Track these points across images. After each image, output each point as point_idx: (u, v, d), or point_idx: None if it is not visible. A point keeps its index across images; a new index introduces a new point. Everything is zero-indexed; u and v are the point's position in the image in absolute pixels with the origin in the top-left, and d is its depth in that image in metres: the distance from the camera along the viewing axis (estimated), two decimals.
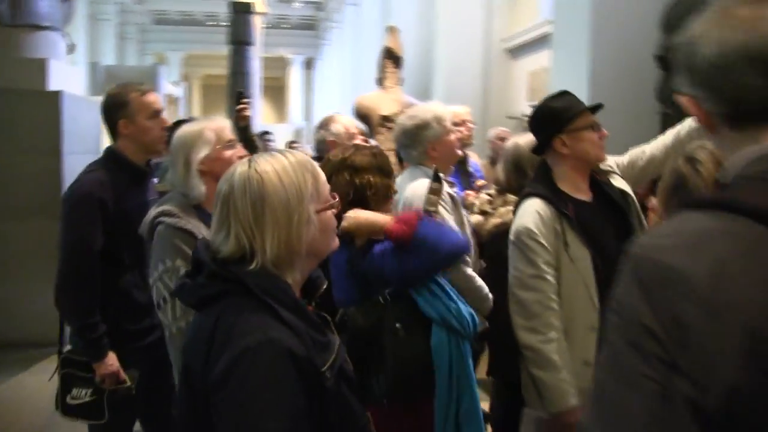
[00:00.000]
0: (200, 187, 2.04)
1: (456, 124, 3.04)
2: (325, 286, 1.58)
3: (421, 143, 2.61)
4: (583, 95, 4.63)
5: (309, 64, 29.00)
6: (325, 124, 3.43)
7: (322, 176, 1.35)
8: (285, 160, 1.29)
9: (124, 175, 2.43)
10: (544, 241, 2.09)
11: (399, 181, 2.50)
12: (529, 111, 2.41)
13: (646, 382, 0.76)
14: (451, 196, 2.49)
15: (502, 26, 8.12)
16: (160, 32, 26.10)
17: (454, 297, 1.98)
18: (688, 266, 0.77)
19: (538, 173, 2.27)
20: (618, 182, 2.29)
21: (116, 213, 2.35)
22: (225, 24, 9.22)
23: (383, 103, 5.33)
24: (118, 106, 2.44)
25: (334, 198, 1.37)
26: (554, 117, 2.19)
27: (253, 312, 1.19)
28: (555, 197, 2.14)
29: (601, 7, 4.62)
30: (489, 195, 2.98)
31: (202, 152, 2.07)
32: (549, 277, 2.09)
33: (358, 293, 1.97)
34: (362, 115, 5.25)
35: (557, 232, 2.10)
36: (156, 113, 2.46)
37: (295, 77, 28.92)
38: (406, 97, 5.96)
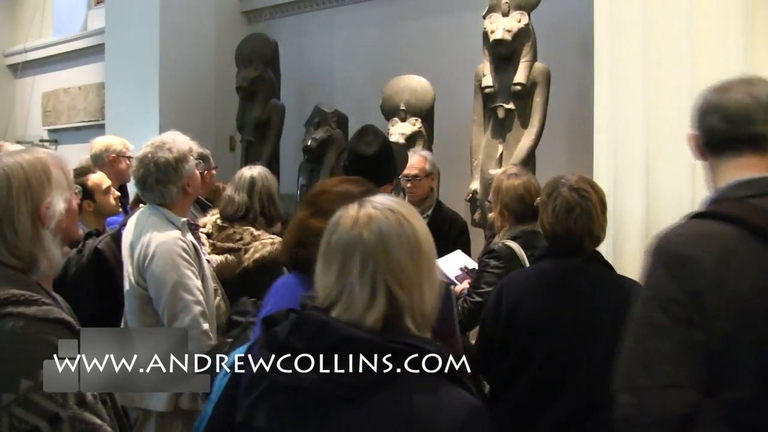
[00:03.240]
0: (57, 254, 1.33)
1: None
2: None
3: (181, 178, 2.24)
4: (154, 118, 4.66)
5: None
6: None
7: None
8: (390, 201, 1.12)
9: None
10: None
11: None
12: (47, 136, 2.22)
13: (674, 335, 1.16)
14: (194, 245, 2.24)
15: (4, 38, 7.10)
16: None
17: None
18: (700, 254, 1.19)
19: None
20: None
21: None
22: None
23: None
24: None
25: None
26: None
27: (441, 385, 1.04)
28: None
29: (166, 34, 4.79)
30: (222, 226, 2.70)
31: (58, 202, 1.31)
32: None
33: None
34: None
35: None
36: None
37: None
38: None
